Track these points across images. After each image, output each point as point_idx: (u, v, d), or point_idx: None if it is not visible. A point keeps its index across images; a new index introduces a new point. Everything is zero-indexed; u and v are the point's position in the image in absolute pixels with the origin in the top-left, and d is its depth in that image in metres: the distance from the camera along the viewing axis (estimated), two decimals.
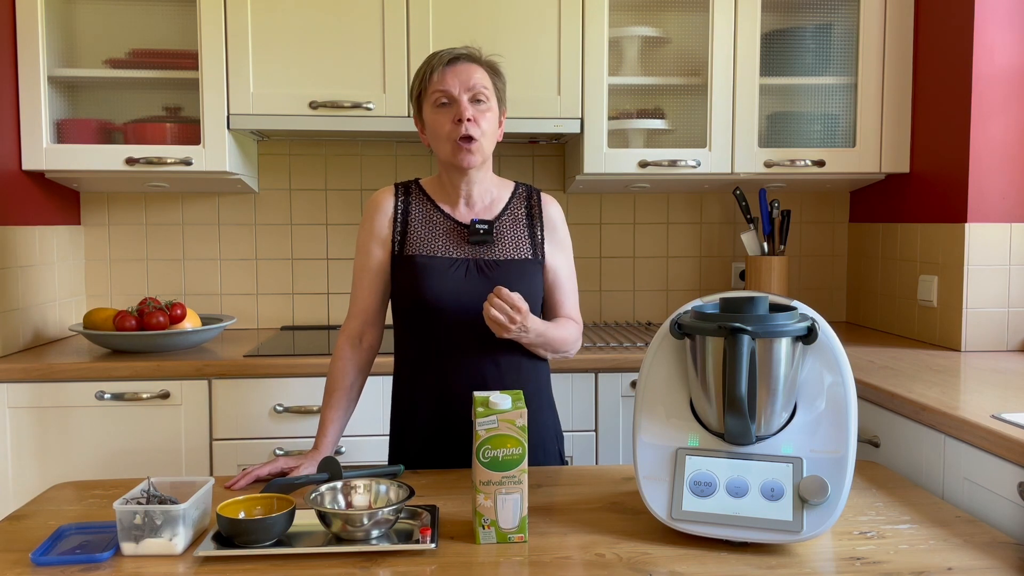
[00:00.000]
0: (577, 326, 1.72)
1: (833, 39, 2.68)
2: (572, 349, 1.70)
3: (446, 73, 1.60)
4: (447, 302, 1.59)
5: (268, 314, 2.88)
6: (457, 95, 1.58)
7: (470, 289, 1.60)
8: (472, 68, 1.61)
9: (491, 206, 1.70)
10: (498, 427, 1.20)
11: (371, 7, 2.45)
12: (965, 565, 1.15)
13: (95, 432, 2.23)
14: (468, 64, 1.61)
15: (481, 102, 1.60)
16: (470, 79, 1.60)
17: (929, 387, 1.84)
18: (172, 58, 2.53)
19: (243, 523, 1.17)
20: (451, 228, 1.66)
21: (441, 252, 1.64)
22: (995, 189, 2.33)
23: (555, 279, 1.71)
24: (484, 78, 1.62)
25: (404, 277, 1.63)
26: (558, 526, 1.29)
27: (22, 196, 2.44)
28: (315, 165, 2.87)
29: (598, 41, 2.51)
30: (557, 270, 1.71)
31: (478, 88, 1.59)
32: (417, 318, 1.62)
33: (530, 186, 1.76)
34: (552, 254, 1.70)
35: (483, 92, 1.60)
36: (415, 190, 1.71)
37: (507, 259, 1.64)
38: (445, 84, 1.59)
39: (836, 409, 1.23)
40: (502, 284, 1.59)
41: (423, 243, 1.64)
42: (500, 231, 1.67)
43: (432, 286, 1.60)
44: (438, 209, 1.68)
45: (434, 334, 1.62)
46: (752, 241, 2.77)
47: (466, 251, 1.65)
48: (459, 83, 1.59)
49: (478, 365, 1.61)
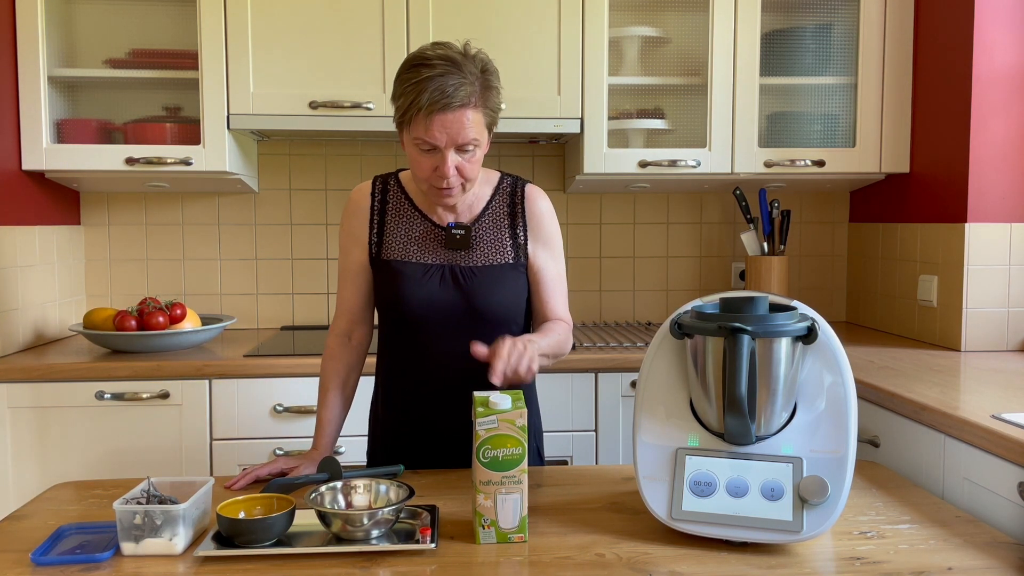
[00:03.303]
0: (567, 326, 1.63)
1: (833, 39, 2.68)
2: (567, 350, 1.63)
3: (433, 123, 1.41)
4: (421, 311, 1.56)
5: (268, 314, 2.88)
6: (443, 147, 1.44)
7: (444, 299, 1.55)
8: (463, 118, 1.42)
9: (472, 205, 1.61)
10: (498, 427, 1.20)
11: (371, 7, 2.45)
12: (965, 565, 1.15)
13: (95, 432, 2.23)
14: (460, 112, 1.42)
15: (469, 151, 1.46)
16: (459, 133, 1.42)
17: (929, 387, 1.84)
18: (172, 58, 2.53)
19: (243, 523, 1.17)
20: (427, 231, 1.59)
21: (416, 257, 1.58)
22: (995, 189, 2.33)
23: (540, 278, 1.62)
24: (476, 124, 1.44)
25: (381, 281, 1.60)
26: (558, 526, 1.29)
27: (22, 196, 2.44)
28: (315, 165, 2.87)
29: (598, 41, 2.51)
30: (542, 269, 1.62)
31: (468, 140, 1.44)
32: (395, 321, 1.61)
33: (516, 178, 1.65)
34: (536, 254, 1.61)
35: (473, 142, 1.45)
36: (394, 186, 1.63)
37: (484, 265, 1.57)
38: (431, 135, 1.42)
39: (836, 409, 1.22)
40: (478, 292, 1.55)
41: (399, 247, 1.59)
42: (479, 234, 1.59)
43: (407, 294, 1.55)
44: (415, 210, 1.60)
45: (410, 338, 1.60)
46: (752, 241, 2.77)
47: (442, 256, 1.57)
48: (447, 137, 1.42)
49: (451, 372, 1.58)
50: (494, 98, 1.49)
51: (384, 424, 1.68)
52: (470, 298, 1.56)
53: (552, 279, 1.64)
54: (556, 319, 1.63)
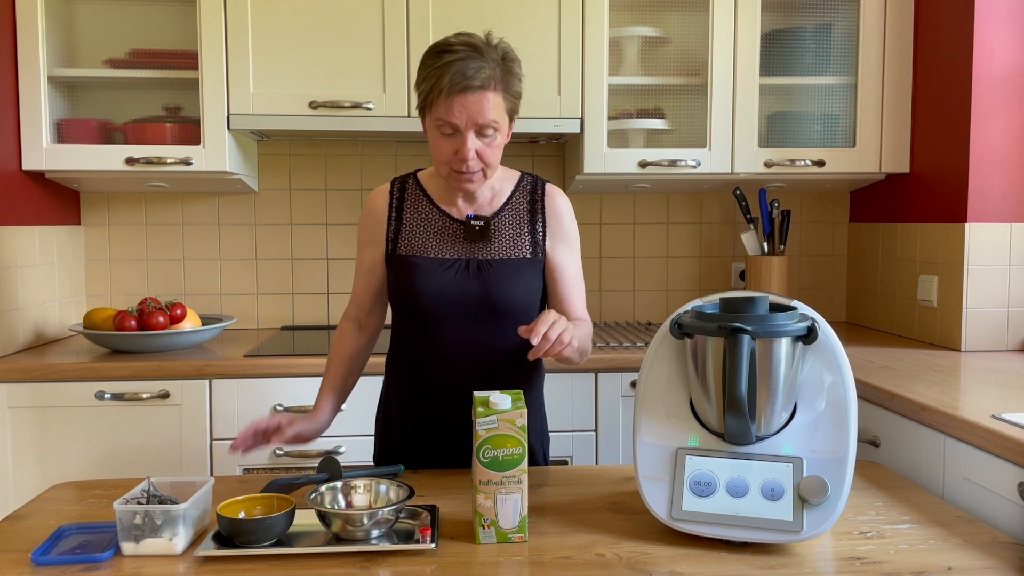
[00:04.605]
0: (590, 325, 1.64)
1: (833, 39, 2.68)
2: (590, 350, 1.63)
3: (453, 103, 1.44)
4: (434, 301, 1.56)
5: (268, 314, 2.88)
6: (463, 128, 1.46)
7: (459, 289, 1.55)
8: (483, 99, 1.44)
9: (492, 200, 1.62)
10: (498, 427, 1.20)
11: (371, 7, 2.45)
12: (965, 565, 1.15)
13: (95, 432, 2.23)
14: (480, 94, 1.44)
15: (488, 136, 1.48)
16: (480, 114, 1.45)
17: (929, 387, 1.84)
18: (172, 58, 2.53)
19: (243, 523, 1.17)
20: (446, 226, 1.60)
21: (434, 252, 1.58)
22: (995, 189, 2.33)
23: (559, 276, 1.63)
24: (496, 107, 1.46)
25: (396, 277, 1.60)
26: (558, 526, 1.29)
27: (22, 196, 2.44)
28: (315, 165, 2.87)
29: (598, 41, 2.51)
30: (562, 267, 1.63)
31: (488, 122, 1.46)
32: (409, 315, 1.61)
33: (536, 177, 1.67)
34: (555, 251, 1.62)
35: (493, 124, 1.47)
36: (412, 185, 1.65)
37: (503, 258, 1.58)
38: (452, 116, 1.45)
39: (836, 409, 1.23)
40: (496, 284, 1.55)
41: (416, 243, 1.59)
42: (498, 227, 1.60)
43: (422, 287, 1.56)
44: (434, 206, 1.61)
45: (424, 333, 1.60)
46: (752, 241, 2.77)
47: (461, 250, 1.58)
48: (467, 116, 1.45)
49: (466, 365, 1.58)
50: (515, 84, 1.51)
51: (395, 422, 1.67)
52: (487, 289, 1.56)
53: (571, 276, 1.64)
54: (577, 319, 1.63)
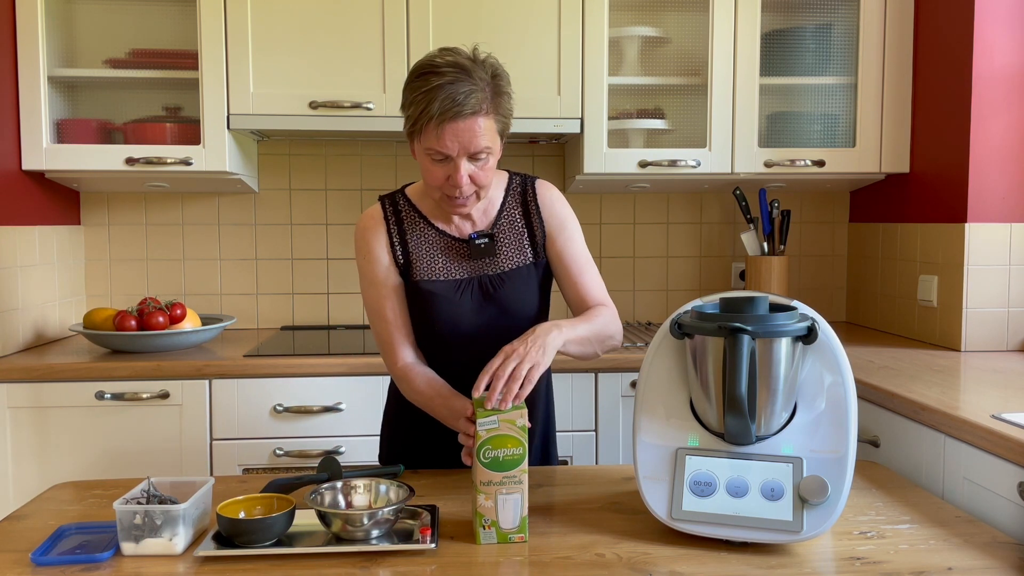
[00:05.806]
0: (610, 309, 1.56)
1: (833, 39, 2.68)
2: (617, 335, 1.55)
3: (444, 132, 1.37)
4: (458, 329, 1.53)
5: (268, 314, 2.88)
6: (455, 156, 1.40)
7: (479, 313, 1.53)
8: (475, 126, 1.38)
9: (486, 210, 1.58)
10: (499, 427, 1.20)
11: (371, 7, 2.45)
12: (965, 565, 1.15)
13: (95, 432, 2.22)
14: (471, 120, 1.38)
15: (482, 159, 1.43)
16: (472, 142, 1.39)
17: (929, 387, 1.84)
18: (172, 58, 2.53)
19: (243, 523, 1.17)
20: (449, 245, 1.56)
21: (443, 274, 1.54)
22: (995, 189, 2.33)
23: (570, 266, 1.58)
24: (488, 131, 1.41)
25: (413, 303, 1.57)
26: (558, 526, 1.29)
27: (22, 196, 2.44)
28: (315, 165, 2.86)
29: (598, 41, 2.51)
30: (570, 258, 1.58)
31: (480, 148, 1.40)
32: (422, 333, 1.59)
33: (524, 176, 1.63)
34: (556, 243, 1.58)
35: (485, 150, 1.41)
36: (404, 206, 1.58)
37: (510, 270, 1.55)
38: (443, 146, 1.39)
39: (836, 409, 1.23)
40: (508, 300, 1.53)
41: (425, 267, 1.55)
42: (499, 239, 1.56)
43: (443, 315, 1.52)
44: (431, 226, 1.56)
45: (436, 350, 1.59)
46: (752, 241, 2.77)
47: (468, 268, 1.55)
48: (459, 145, 1.39)
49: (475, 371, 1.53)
50: (506, 103, 1.46)
51: (403, 423, 1.66)
52: (504, 306, 1.54)
53: (579, 261, 1.58)
54: (596, 304, 1.56)
